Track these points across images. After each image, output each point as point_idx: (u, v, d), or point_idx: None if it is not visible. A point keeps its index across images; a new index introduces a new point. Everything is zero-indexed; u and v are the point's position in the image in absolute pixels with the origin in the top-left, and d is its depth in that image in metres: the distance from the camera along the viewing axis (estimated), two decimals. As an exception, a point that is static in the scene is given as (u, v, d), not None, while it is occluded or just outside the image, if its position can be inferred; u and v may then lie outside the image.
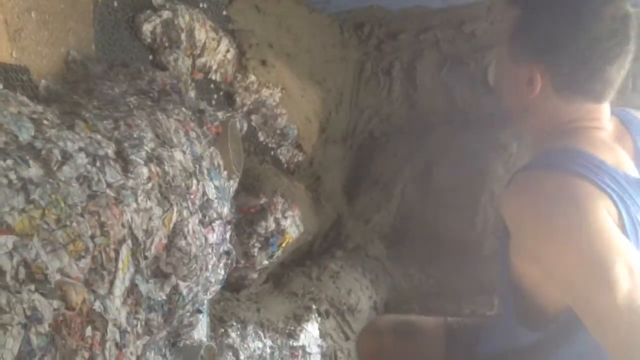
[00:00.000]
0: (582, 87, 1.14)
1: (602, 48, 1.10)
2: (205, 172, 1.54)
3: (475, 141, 2.98)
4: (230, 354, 1.96)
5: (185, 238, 1.40)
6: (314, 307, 2.44)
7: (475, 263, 2.75)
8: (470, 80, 3.01)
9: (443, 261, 2.90)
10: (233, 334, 2.00)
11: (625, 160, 1.17)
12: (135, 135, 1.33)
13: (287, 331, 2.25)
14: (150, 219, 1.27)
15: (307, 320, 2.35)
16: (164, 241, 1.34)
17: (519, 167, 1.19)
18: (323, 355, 2.35)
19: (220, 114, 1.77)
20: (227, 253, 1.69)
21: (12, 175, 0.97)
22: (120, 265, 1.14)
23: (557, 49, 1.12)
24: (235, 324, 2.04)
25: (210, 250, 1.53)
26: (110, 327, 1.08)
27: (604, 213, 1.05)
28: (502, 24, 1.22)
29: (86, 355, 1.01)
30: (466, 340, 1.51)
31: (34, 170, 1.02)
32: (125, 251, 1.16)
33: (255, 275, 2.14)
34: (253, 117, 2.39)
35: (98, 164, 1.17)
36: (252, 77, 2.29)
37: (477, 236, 2.85)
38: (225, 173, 1.67)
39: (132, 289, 1.18)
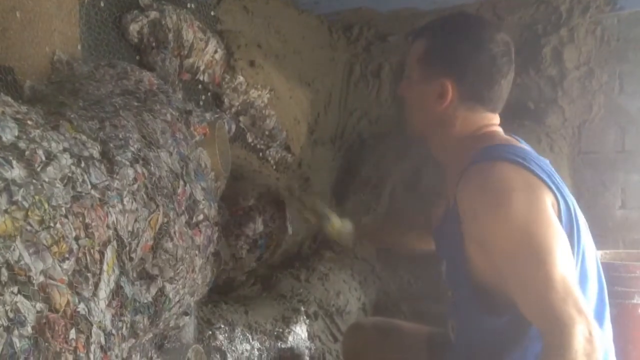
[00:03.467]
0: (482, 97, 1.41)
1: (497, 64, 1.39)
2: (192, 173, 1.53)
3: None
4: (218, 356, 1.95)
5: (172, 240, 1.39)
6: (302, 309, 2.43)
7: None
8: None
9: (432, 263, 2.90)
10: (221, 336, 1.99)
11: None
12: (121, 136, 1.31)
13: (275, 333, 2.24)
14: (136, 220, 1.25)
15: (296, 322, 2.35)
16: (150, 243, 1.33)
17: (466, 164, 1.34)
18: (311, 357, 2.34)
19: (208, 115, 1.76)
20: (215, 255, 1.68)
21: (-5, 176, 0.95)
22: (105, 267, 1.12)
23: (464, 63, 1.39)
24: (223, 326, 2.02)
25: (197, 252, 1.52)
26: (94, 329, 1.06)
27: (547, 202, 1.24)
28: (409, 56, 1.49)
29: (70, 358, 0.99)
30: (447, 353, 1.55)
31: (17, 171, 1.00)
32: (110, 253, 1.15)
33: (243, 278, 2.13)
34: (241, 118, 2.38)
35: (83, 164, 1.15)
36: (241, 78, 2.28)
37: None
38: (212, 174, 1.66)
39: (117, 291, 1.17)
